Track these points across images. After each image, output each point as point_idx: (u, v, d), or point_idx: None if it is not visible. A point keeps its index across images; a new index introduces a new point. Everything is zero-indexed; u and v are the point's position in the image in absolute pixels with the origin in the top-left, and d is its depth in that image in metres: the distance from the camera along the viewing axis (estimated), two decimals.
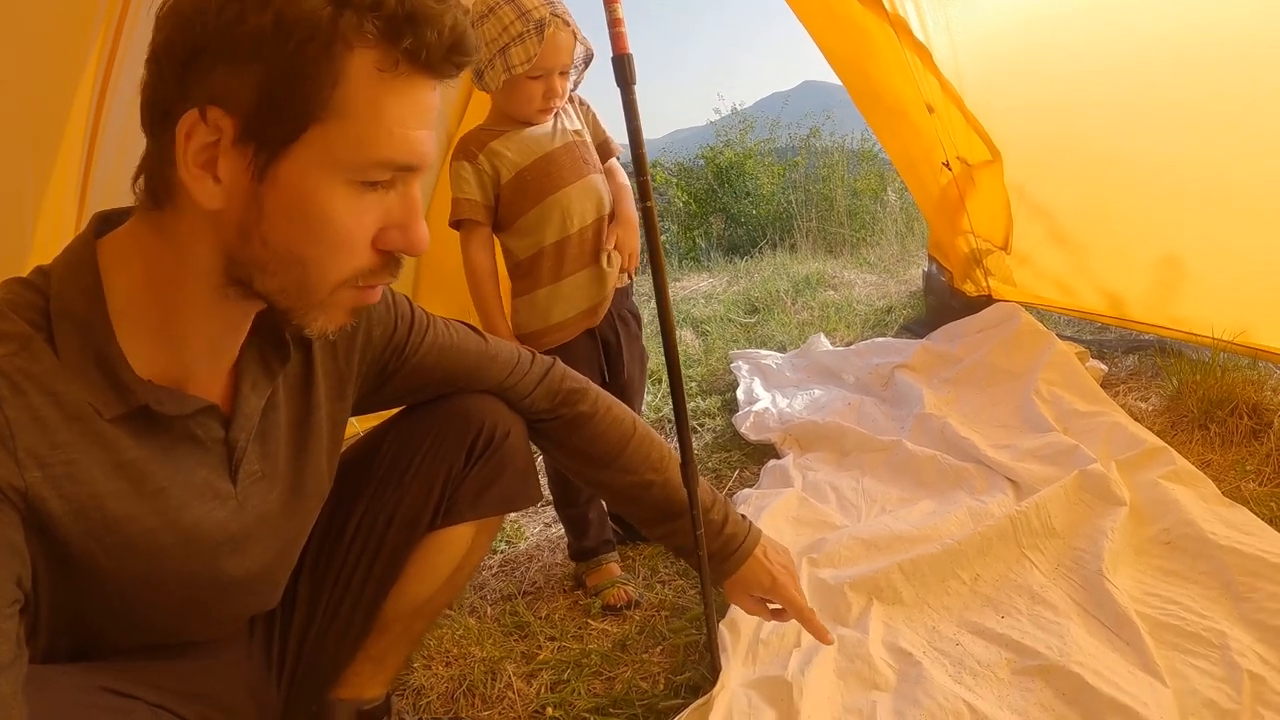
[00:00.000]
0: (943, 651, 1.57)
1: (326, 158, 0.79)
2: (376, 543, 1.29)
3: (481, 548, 1.45)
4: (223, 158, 0.78)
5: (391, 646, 1.41)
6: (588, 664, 1.73)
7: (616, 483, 1.43)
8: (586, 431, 1.40)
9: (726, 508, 1.46)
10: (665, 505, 1.42)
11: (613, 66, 1.47)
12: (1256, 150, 2.13)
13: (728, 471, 2.65)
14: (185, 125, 0.76)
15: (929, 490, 2.19)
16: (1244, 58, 2.07)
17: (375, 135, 0.80)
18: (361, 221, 0.84)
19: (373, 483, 1.30)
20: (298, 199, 0.80)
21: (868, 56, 2.94)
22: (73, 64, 1.55)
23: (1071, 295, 2.97)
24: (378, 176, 0.83)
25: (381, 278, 0.90)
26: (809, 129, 9.85)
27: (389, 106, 0.80)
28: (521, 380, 1.35)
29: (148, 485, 0.89)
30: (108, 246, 0.86)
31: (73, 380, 0.81)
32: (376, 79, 0.79)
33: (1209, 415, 2.15)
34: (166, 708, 0.97)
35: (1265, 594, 1.49)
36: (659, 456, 1.43)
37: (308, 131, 0.78)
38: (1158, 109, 2.35)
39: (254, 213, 0.80)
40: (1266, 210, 2.17)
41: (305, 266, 0.84)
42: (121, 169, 1.77)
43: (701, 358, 3.83)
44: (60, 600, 0.88)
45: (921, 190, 3.39)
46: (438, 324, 1.27)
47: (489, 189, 1.90)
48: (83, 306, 0.82)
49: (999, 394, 2.57)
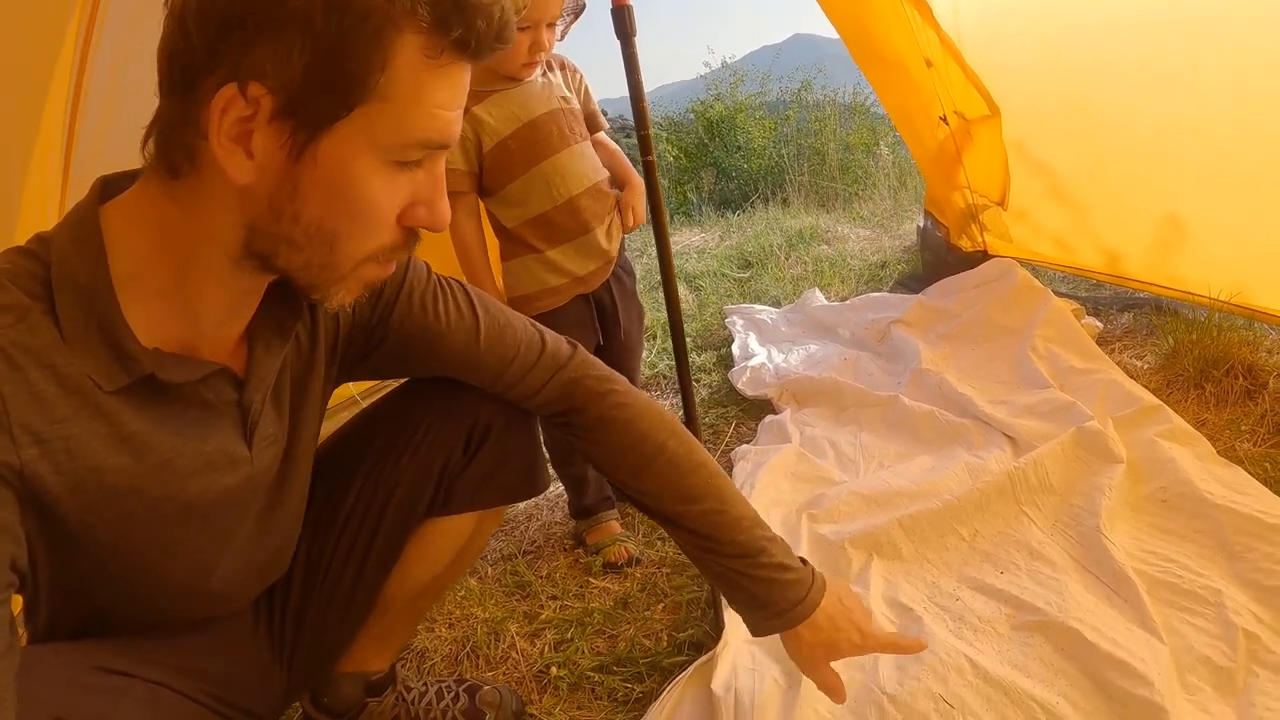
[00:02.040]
0: (943, 607, 1.59)
1: (368, 139, 0.78)
2: (373, 525, 1.25)
3: (485, 533, 1.42)
4: (258, 133, 0.76)
5: (395, 625, 1.41)
6: (590, 622, 1.74)
7: (643, 505, 1.26)
8: (598, 445, 1.25)
9: (784, 549, 1.24)
10: (699, 542, 1.22)
11: (612, 19, 1.45)
12: (1259, 112, 2.12)
13: (724, 427, 2.66)
14: (223, 99, 0.74)
15: (927, 446, 2.20)
16: (1247, 19, 2.04)
17: (416, 118, 0.79)
18: (394, 199, 0.84)
19: (368, 463, 1.26)
20: (337, 178, 0.79)
21: (866, 10, 2.90)
22: (52, 34, 1.52)
23: (1069, 252, 2.96)
24: (413, 156, 0.82)
25: (402, 253, 0.89)
26: (800, 82, 9.77)
27: (431, 91, 0.79)
28: (517, 385, 1.22)
29: (152, 456, 0.87)
30: (113, 212, 0.83)
31: (73, 352, 0.79)
32: (422, 64, 0.78)
33: (1204, 375, 2.16)
34: (166, 685, 0.96)
35: (1261, 554, 1.50)
36: (692, 485, 1.22)
37: (353, 112, 0.77)
38: (1160, 69, 2.33)
39: (287, 189, 0.79)
40: (1267, 172, 2.15)
41: (335, 243, 0.83)
42: (105, 138, 1.75)
43: (696, 313, 3.82)
44: (61, 579, 0.87)
45: (918, 145, 3.36)
46: (430, 300, 1.16)
47: (472, 156, 1.85)
48: (85, 275, 0.80)
49: (995, 350, 2.58)
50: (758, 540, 1.21)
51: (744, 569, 1.20)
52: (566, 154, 1.89)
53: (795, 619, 1.20)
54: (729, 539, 1.20)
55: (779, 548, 1.22)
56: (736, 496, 1.24)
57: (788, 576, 1.20)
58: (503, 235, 1.96)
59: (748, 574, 1.20)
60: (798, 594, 1.20)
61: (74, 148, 1.69)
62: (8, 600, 0.75)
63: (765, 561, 1.20)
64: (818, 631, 1.20)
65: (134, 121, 0.83)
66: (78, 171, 1.70)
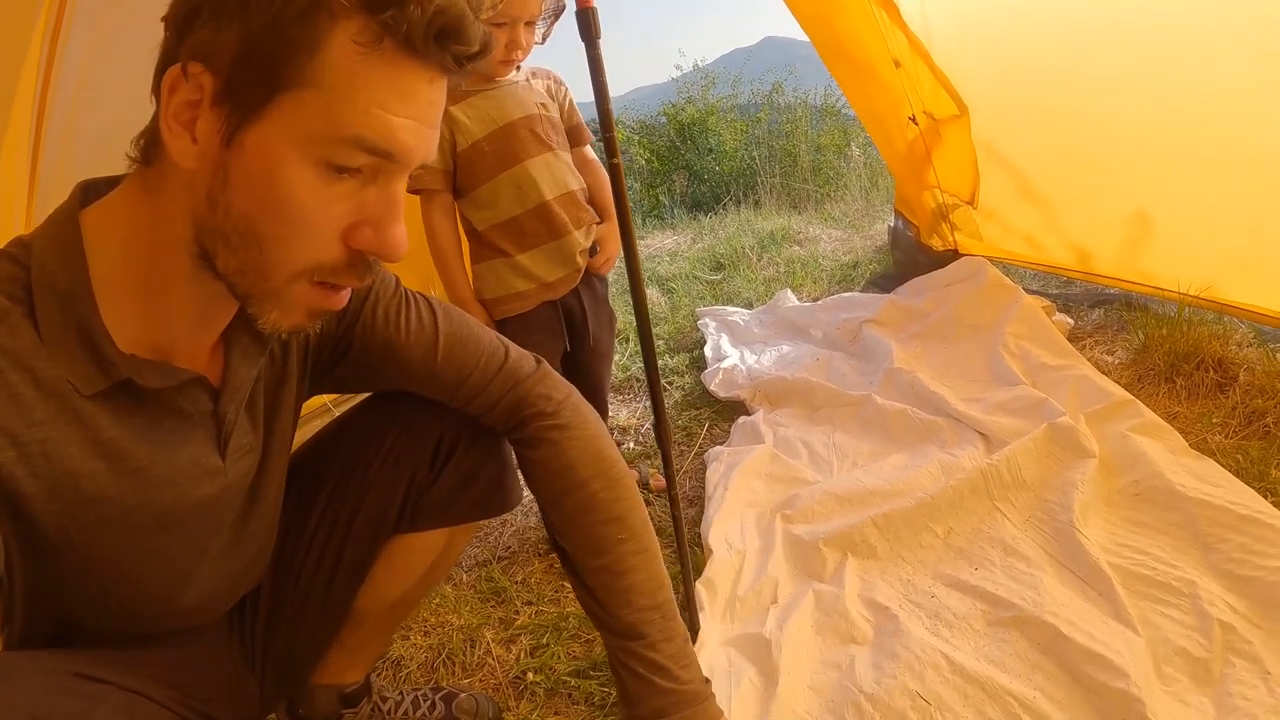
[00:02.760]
0: (918, 604, 1.59)
1: (295, 129, 0.75)
2: (341, 536, 1.23)
3: (458, 546, 1.40)
4: (201, 117, 0.75)
5: (368, 638, 1.40)
6: (566, 627, 1.73)
7: (555, 544, 1.22)
8: (529, 463, 1.21)
9: (678, 651, 1.12)
10: (589, 604, 1.16)
11: (577, 20, 1.44)
12: (1225, 108, 2.14)
13: (697, 429, 2.65)
14: (169, 80, 0.74)
15: (899, 444, 2.20)
16: (1213, 17, 2.06)
17: (347, 112, 0.75)
18: (327, 209, 0.79)
19: (334, 474, 1.24)
20: (260, 169, 0.76)
21: (834, 11, 2.90)
22: (19, 37, 1.49)
23: (1039, 250, 2.98)
24: (348, 159, 0.77)
25: (347, 278, 0.85)
26: (771, 85, 9.84)
27: (368, 84, 0.75)
28: (475, 399, 1.20)
29: (127, 463, 0.86)
30: (92, 216, 0.83)
31: (52, 356, 0.78)
32: (355, 52, 0.74)
33: (1175, 369, 2.18)
34: (142, 693, 0.95)
35: (1234, 544, 1.51)
36: (599, 536, 1.15)
37: (279, 97, 0.74)
38: (1127, 68, 2.35)
39: (220, 179, 0.77)
40: (1233, 167, 2.18)
41: (262, 246, 0.79)
42: (72, 141, 1.73)
43: (668, 315, 3.81)
44: (36, 585, 0.86)
45: (888, 145, 3.37)
46: (394, 312, 1.13)
47: (447, 154, 1.85)
48: (65, 278, 0.79)
49: (967, 348, 2.59)
50: (643, 626, 1.11)
51: (619, 651, 1.11)
52: (540, 160, 1.88)
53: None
54: (613, 611, 1.12)
55: (677, 646, 1.11)
56: (641, 566, 1.14)
57: (664, 683, 1.08)
58: (473, 238, 1.95)
59: (620, 660, 1.11)
60: (676, 704, 1.07)
61: (40, 151, 1.67)
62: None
63: (643, 653, 1.09)
64: None
65: (101, 124, 0.84)
66: (45, 174, 1.68)
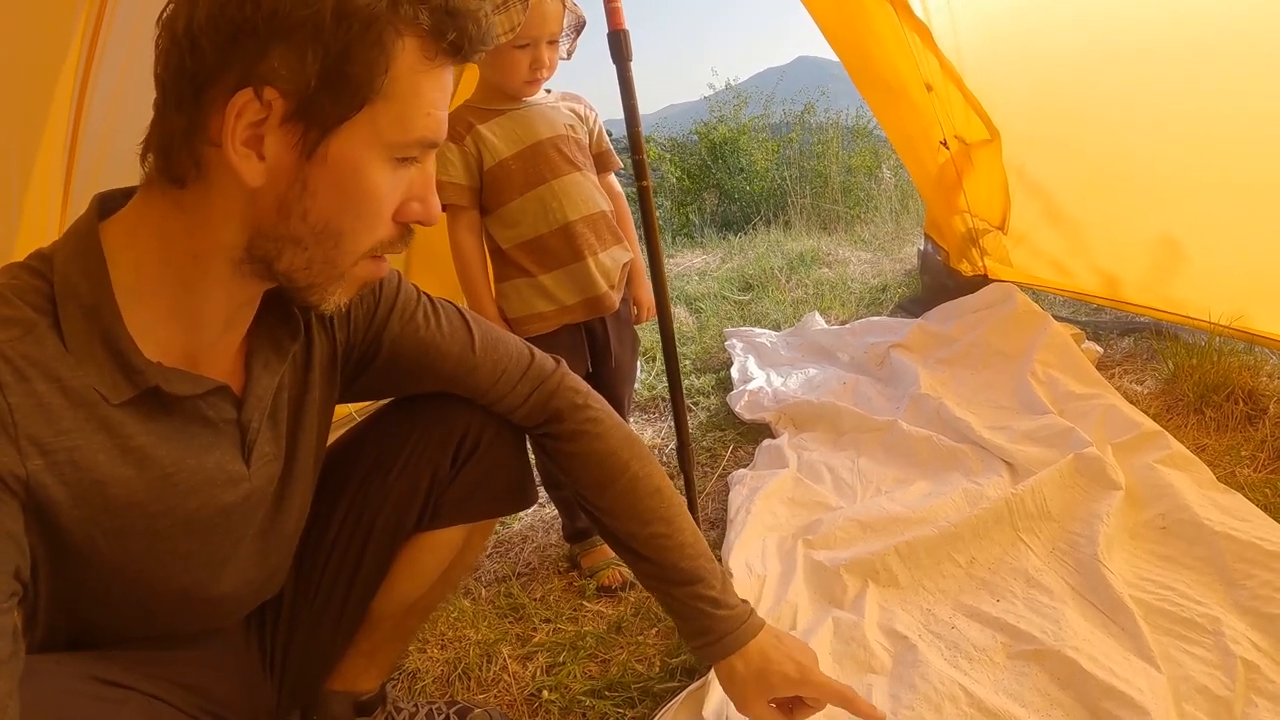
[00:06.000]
0: (938, 635, 1.57)
1: (374, 137, 0.84)
2: (361, 541, 1.27)
3: (475, 548, 1.43)
4: (269, 136, 0.81)
5: (384, 642, 1.41)
6: (583, 646, 1.73)
7: (600, 523, 1.30)
8: (570, 457, 1.28)
9: (725, 584, 1.28)
10: (646, 567, 1.27)
11: (608, 42, 1.46)
12: (1257, 134, 2.12)
13: (721, 450, 2.65)
14: (238, 104, 0.78)
15: (924, 471, 2.19)
16: (1245, 39, 2.05)
17: (415, 117, 0.86)
18: (394, 195, 0.90)
19: (356, 479, 1.27)
20: (347, 174, 0.85)
21: (867, 34, 2.90)
22: (56, 46, 1.53)
23: (1068, 276, 2.96)
24: (412, 154, 0.88)
25: (396, 248, 0.94)
26: (804, 105, 9.84)
27: (426, 91, 0.86)
28: (506, 396, 1.26)
29: (154, 470, 0.88)
30: (113, 227, 0.86)
31: (79, 365, 0.81)
32: (419, 65, 0.84)
33: (1204, 400, 2.15)
34: (162, 698, 0.97)
35: (1260, 581, 1.49)
36: (647, 508, 1.26)
37: (360, 112, 0.82)
38: (1157, 92, 2.33)
39: (297, 189, 0.84)
40: (1266, 195, 2.15)
41: (339, 239, 0.88)
42: (107, 150, 1.76)
43: (695, 335, 3.82)
44: (59, 591, 0.88)
45: (919, 169, 3.37)
46: (422, 316, 1.19)
47: (474, 172, 1.86)
48: (88, 289, 0.82)
49: (994, 375, 2.57)
50: (699, 569, 1.25)
51: (683, 596, 1.24)
52: (567, 180, 1.89)
53: (729, 647, 1.22)
54: (672, 564, 1.24)
55: (720, 581, 1.27)
56: (686, 524, 1.28)
57: (720, 611, 1.23)
58: (497, 256, 1.96)
59: (687, 601, 1.24)
60: (730, 625, 1.23)
61: (75, 161, 1.70)
62: (12, 609, 0.76)
63: (703, 592, 1.24)
64: (749, 663, 1.22)
65: (137, 135, 0.86)
66: (79, 185, 1.71)
